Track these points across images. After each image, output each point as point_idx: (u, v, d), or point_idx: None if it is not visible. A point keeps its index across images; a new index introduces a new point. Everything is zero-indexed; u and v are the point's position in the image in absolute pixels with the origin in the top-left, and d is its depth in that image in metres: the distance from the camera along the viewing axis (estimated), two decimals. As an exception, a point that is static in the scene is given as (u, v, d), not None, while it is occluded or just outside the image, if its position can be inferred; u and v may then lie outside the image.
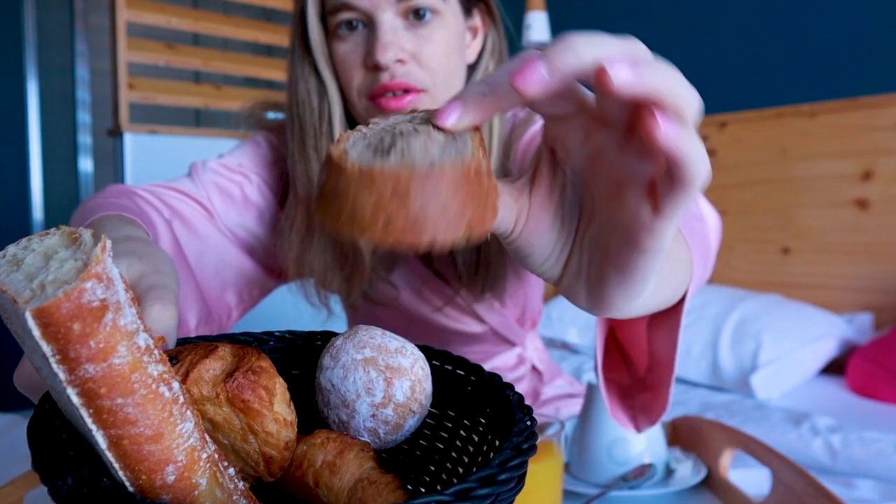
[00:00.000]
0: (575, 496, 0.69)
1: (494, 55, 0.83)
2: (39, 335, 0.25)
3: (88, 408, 0.27)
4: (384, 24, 0.73)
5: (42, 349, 0.25)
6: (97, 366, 0.26)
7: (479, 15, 0.83)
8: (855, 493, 1.10)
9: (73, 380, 0.26)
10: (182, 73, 2.83)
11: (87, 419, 0.27)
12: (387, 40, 0.73)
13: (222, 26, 2.52)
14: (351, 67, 0.76)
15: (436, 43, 0.75)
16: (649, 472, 0.71)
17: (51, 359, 0.25)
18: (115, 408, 0.27)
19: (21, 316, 0.25)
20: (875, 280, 1.99)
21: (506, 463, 0.31)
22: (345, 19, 0.74)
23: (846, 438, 1.33)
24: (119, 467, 0.28)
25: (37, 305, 0.24)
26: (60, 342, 0.25)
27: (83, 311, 0.25)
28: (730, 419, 1.49)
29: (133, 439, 0.27)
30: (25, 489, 0.67)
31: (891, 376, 1.63)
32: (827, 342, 1.82)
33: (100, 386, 0.26)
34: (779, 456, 0.65)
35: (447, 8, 0.76)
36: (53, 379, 0.27)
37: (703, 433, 0.76)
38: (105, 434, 0.27)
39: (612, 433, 0.72)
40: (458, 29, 0.78)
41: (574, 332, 2.12)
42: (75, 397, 0.26)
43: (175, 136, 2.31)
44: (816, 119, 2.07)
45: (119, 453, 0.28)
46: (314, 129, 0.78)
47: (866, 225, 1.99)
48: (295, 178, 0.80)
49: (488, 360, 1.01)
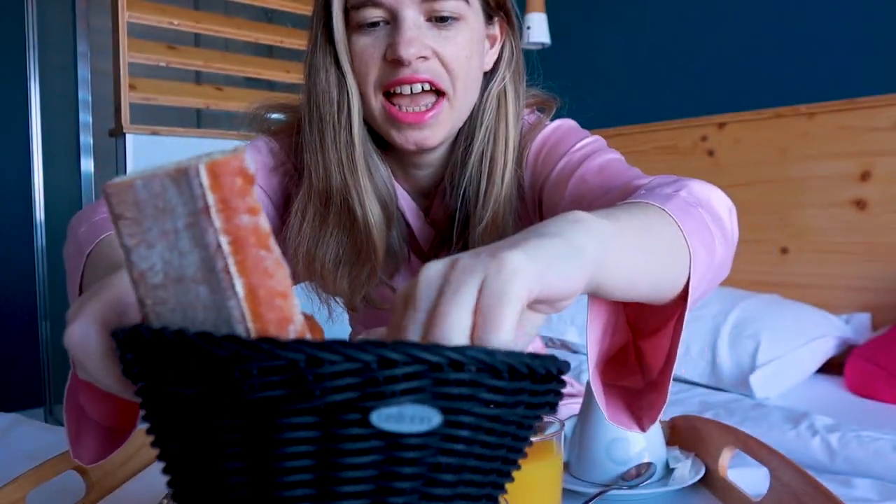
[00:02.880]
0: (574, 495, 0.70)
1: (511, 65, 0.83)
2: (209, 185, 0.30)
3: (237, 255, 0.30)
4: (408, 20, 0.73)
5: (207, 200, 0.30)
6: (251, 218, 0.31)
7: (498, 24, 0.83)
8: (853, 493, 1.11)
9: (229, 228, 0.30)
10: (183, 74, 2.83)
11: (232, 268, 0.30)
12: (411, 35, 0.72)
13: (223, 27, 2.52)
14: (369, 61, 0.75)
15: (459, 45, 0.75)
16: (648, 471, 0.71)
17: (213, 208, 0.30)
18: (258, 259, 0.31)
19: (191, 175, 0.30)
20: (873, 280, 1.99)
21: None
22: (369, 15, 0.74)
23: (844, 438, 1.34)
24: (251, 318, 0.31)
25: (209, 160, 0.30)
26: (225, 191, 0.30)
27: (244, 172, 0.31)
28: (728, 418, 1.50)
29: (268, 290, 0.31)
30: (28, 488, 0.68)
31: (889, 376, 1.64)
32: (825, 342, 1.82)
33: (250, 235, 0.31)
34: (778, 455, 0.65)
35: (470, 13, 0.76)
36: (195, 243, 0.31)
37: (702, 432, 0.77)
38: (245, 283, 0.31)
39: (611, 432, 0.73)
40: (479, 35, 0.78)
41: (574, 331, 2.13)
42: (227, 245, 0.30)
43: (176, 136, 2.31)
44: (815, 119, 2.08)
45: (254, 303, 0.31)
46: (333, 120, 0.77)
47: (864, 225, 2.00)
48: (311, 170, 0.79)
49: None
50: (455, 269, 0.34)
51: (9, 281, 2.81)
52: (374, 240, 0.79)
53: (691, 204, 0.56)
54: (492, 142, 0.80)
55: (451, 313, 0.33)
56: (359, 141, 0.78)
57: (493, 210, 0.79)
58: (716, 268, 0.56)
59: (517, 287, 0.33)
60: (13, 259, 2.82)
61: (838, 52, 2.06)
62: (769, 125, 2.17)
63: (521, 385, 0.32)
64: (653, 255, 0.48)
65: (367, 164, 0.79)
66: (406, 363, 0.28)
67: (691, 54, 2.33)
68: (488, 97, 0.80)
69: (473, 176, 0.81)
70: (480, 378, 0.30)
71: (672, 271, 0.50)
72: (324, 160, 0.78)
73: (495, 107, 0.81)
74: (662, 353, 0.56)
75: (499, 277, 0.33)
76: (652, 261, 0.48)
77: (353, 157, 0.78)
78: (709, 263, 0.54)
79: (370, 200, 0.78)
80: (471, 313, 0.33)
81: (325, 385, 0.27)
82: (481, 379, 0.30)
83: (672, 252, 0.50)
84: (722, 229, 0.58)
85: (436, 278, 0.35)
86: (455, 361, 0.29)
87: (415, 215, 0.87)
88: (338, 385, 0.28)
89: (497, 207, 0.80)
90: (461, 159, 0.81)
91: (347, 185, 0.78)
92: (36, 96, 2.86)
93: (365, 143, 0.79)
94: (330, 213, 0.79)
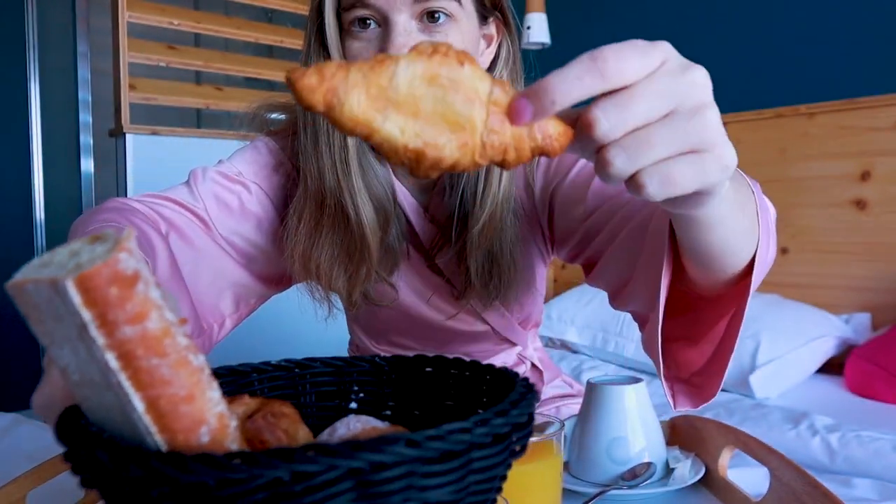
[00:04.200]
0: (574, 495, 0.70)
1: (508, 64, 0.84)
2: (80, 302, 0.27)
3: (126, 370, 0.28)
4: (398, 24, 0.73)
5: (82, 317, 0.27)
6: (134, 327, 0.28)
7: (494, 23, 0.83)
8: (853, 493, 1.11)
9: (111, 343, 0.28)
10: (183, 74, 2.83)
11: (124, 384, 0.28)
12: (400, 42, 0.73)
13: (223, 27, 2.52)
14: None
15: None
16: (648, 471, 0.71)
17: (90, 325, 0.27)
18: (151, 368, 0.29)
19: (61, 291, 0.27)
20: (873, 280, 1.99)
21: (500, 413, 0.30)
22: (359, 16, 0.75)
23: (844, 438, 1.34)
24: (156, 430, 0.29)
25: (78, 273, 0.27)
26: (100, 306, 0.27)
27: (119, 277, 0.28)
28: (728, 418, 1.50)
29: (169, 399, 0.29)
30: (28, 488, 0.68)
31: (889, 376, 1.64)
32: (825, 342, 1.82)
33: (136, 347, 0.28)
34: (778, 455, 0.65)
35: (462, 13, 0.76)
36: (89, 355, 0.28)
37: (702, 432, 0.77)
38: (143, 396, 0.29)
39: (611, 432, 0.73)
40: (472, 35, 0.78)
41: (573, 331, 2.13)
42: (114, 361, 0.28)
43: (176, 136, 2.31)
44: (815, 120, 2.08)
45: (156, 415, 0.29)
46: (326, 123, 0.78)
47: (864, 225, 2.00)
48: (306, 173, 0.81)
49: (488, 359, 1.02)
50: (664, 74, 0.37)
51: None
52: (367, 240, 0.80)
53: (765, 202, 0.61)
54: None
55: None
56: (352, 142, 0.79)
57: (490, 211, 0.81)
58: (767, 266, 0.61)
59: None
60: (13, 259, 2.81)
61: (838, 52, 2.06)
62: (769, 125, 2.17)
63: (466, 458, 0.29)
64: (747, 224, 0.53)
65: (360, 166, 0.80)
66: (323, 471, 0.26)
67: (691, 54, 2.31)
68: None
69: (470, 176, 0.82)
70: (414, 468, 0.28)
71: (747, 247, 0.54)
72: (318, 163, 0.79)
73: None
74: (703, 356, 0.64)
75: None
76: (744, 229, 0.53)
77: (347, 159, 0.79)
78: (765, 258, 0.59)
79: (363, 201, 0.79)
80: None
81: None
82: (415, 469, 0.28)
83: (752, 233, 0.55)
84: (773, 236, 0.65)
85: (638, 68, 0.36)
86: (377, 464, 0.27)
87: (415, 212, 0.88)
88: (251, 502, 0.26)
89: (494, 208, 0.81)
90: None
91: (341, 187, 0.79)
92: (36, 96, 2.86)
93: (359, 143, 0.80)
94: (324, 215, 0.81)
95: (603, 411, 0.74)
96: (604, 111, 0.35)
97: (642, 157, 0.36)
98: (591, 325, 2.10)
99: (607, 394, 0.74)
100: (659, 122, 0.36)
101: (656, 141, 0.36)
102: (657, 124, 0.36)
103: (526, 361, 1.06)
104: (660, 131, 0.36)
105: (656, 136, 0.36)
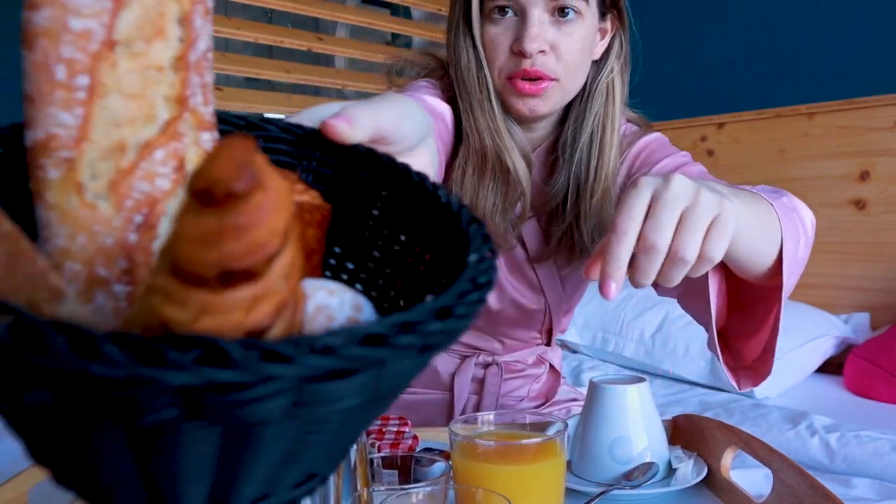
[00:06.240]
0: (577, 495, 0.70)
1: (620, 57, 0.96)
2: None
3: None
4: (534, 17, 0.85)
5: None
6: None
7: (610, 19, 0.95)
8: (852, 492, 1.11)
9: None
10: (182, 73, 2.83)
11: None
12: (535, 32, 0.85)
13: (223, 27, 2.52)
14: (498, 48, 0.88)
15: (574, 39, 0.87)
16: (650, 470, 0.71)
17: None
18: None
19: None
20: (872, 280, 2.00)
21: (461, 296, 0.25)
22: (500, 5, 0.87)
23: (843, 437, 1.34)
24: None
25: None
26: None
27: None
28: (728, 418, 1.50)
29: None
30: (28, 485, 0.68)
31: (888, 375, 1.64)
32: (824, 341, 1.83)
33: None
34: (780, 456, 0.65)
35: (587, 10, 0.88)
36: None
37: (705, 432, 0.77)
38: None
39: (613, 432, 0.73)
40: (593, 29, 0.90)
41: (573, 331, 2.13)
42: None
43: (175, 135, 2.31)
44: (814, 120, 2.08)
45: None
46: (477, 93, 0.91)
47: (863, 225, 2.01)
48: (467, 132, 0.92)
49: (517, 352, 1.07)
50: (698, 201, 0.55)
51: (7, 280, 2.80)
52: (523, 186, 0.92)
53: (789, 208, 0.71)
54: (601, 124, 0.94)
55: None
56: (497, 109, 0.91)
57: (605, 184, 0.93)
58: (799, 262, 0.71)
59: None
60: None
61: (838, 52, 2.07)
62: (769, 125, 2.17)
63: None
64: (763, 231, 0.65)
65: (507, 127, 0.92)
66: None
67: (691, 55, 2.33)
68: (599, 83, 0.94)
69: (584, 153, 0.93)
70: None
71: (766, 249, 0.66)
72: (476, 125, 0.91)
73: (605, 91, 0.94)
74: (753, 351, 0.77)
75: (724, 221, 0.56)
76: (761, 236, 0.64)
77: (497, 122, 0.91)
78: (794, 254, 0.68)
79: (517, 157, 0.92)
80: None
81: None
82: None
83: (773, 237, 0.66)
84: (806, 234, 0.73)
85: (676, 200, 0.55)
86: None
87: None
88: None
89: (607, 182, 0.93)
90: (571, 136, 0.94)
91: (498, 146, 0.91)
92: (35, 95, 2.86)
93: (501, 110, 0.92)
94: (487, 169, 0.92)
95: (605, 411, 0.74)
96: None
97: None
98: (590, 325, 2.10)
99: (610, 393, 0.74)
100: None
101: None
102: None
103: (545, 363, 1.10)
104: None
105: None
